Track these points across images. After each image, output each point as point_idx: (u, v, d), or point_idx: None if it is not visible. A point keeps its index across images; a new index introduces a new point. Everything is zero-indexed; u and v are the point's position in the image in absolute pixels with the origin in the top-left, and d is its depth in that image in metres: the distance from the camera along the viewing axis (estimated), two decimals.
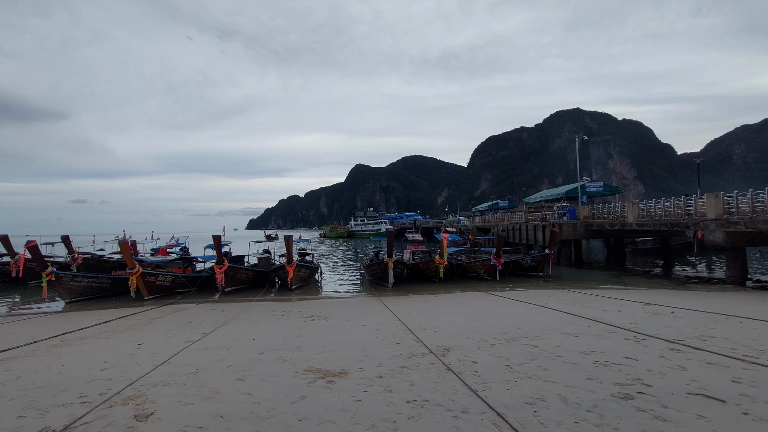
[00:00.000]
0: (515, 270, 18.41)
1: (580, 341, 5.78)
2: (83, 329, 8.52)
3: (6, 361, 5.66)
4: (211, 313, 10.55)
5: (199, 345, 6.35)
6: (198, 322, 9.02)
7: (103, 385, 4.30)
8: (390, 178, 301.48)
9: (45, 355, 6.05)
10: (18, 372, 5.00)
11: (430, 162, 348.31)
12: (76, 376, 4.70)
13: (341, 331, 7.21)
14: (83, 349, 6.37)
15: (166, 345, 6.44)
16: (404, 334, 6.69)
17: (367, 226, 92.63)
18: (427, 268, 17.51)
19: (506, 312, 8.94)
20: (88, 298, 14.49)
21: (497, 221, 38.96)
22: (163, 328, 8.37)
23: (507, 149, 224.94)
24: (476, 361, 4.83)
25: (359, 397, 3.73)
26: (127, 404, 3.68)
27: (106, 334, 7.87)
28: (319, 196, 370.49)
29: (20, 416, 3.46)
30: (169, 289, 15.04)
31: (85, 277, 14.83)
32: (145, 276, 14.04)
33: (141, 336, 7.46)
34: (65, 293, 14.02)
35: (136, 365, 5.17)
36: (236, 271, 15.32)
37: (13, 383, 4.50)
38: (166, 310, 11.64)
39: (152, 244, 27.09)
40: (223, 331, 7.59)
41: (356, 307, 11.12)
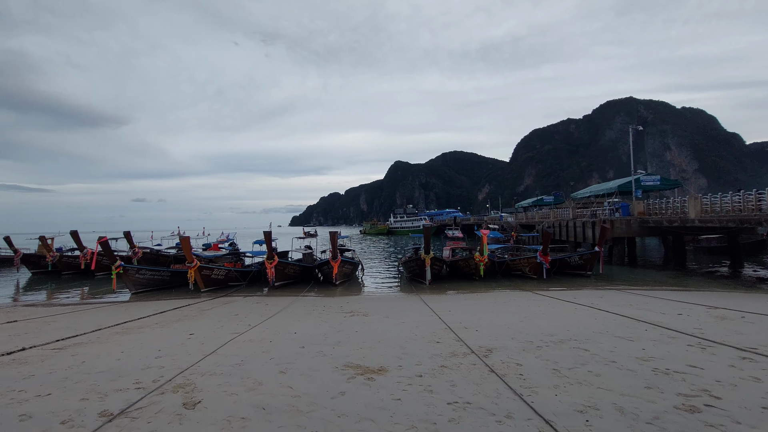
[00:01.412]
0: (561, 269, 17.59)
1: (636, 346, 5.37)
2: (142, 318, 9.13)
3: (74, 347, 6.16)
4: (256, 306, 10.94)
5: (245, 337, 6.58)
6: (244, 314, 9.37)
7: (156, 373, 4.54)
8: (429, 175, 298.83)
9: (107, 341, 6.52)
10: (83, 357, 5.42)
11: (471, 158, 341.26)
12: (133, 363, 5.01)
13: (380, 328, 7.19)
14: (141, 338, 6.80)
15: (215, 336, 6.73)
16: (444, 333, 6.55)
17: (406, 222, 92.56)
18: (466, 266, 17.15)
19: (553, 313, 8.52)
20: (151, 290, 15.54)
21: (542, 218, 37.42)
22: (213, 319, 8.77)
23: (552, 143, 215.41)
24: (521, 364, 4.61)
25: (398, 395, 3.66)
26: (177, 392, 3.86)
27: (162, 323, 8.37)
28: (359, 193, 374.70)
29: (83, 399, 3.73)
30: (222, 283, 15.81)
31: (148, 270, 15.92)
32: (202, 270, 14.84)
33: (192, 326, 7.86)
34: (131, 285, 15.14)
35: (186, 354, 5.43)
36: (285, 266, 15.80)
37: (78, 367, 4.88)
38: (216, 302, 12.21)
39: (204, 240, 28.67)
40: (267, 325, 7.82)
41: (395, 304, 11.09)
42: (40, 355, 5.61)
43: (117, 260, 15.10)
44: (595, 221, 23.06)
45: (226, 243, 26.82)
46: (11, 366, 5.03)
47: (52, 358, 5.44)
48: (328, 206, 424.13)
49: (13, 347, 6.14)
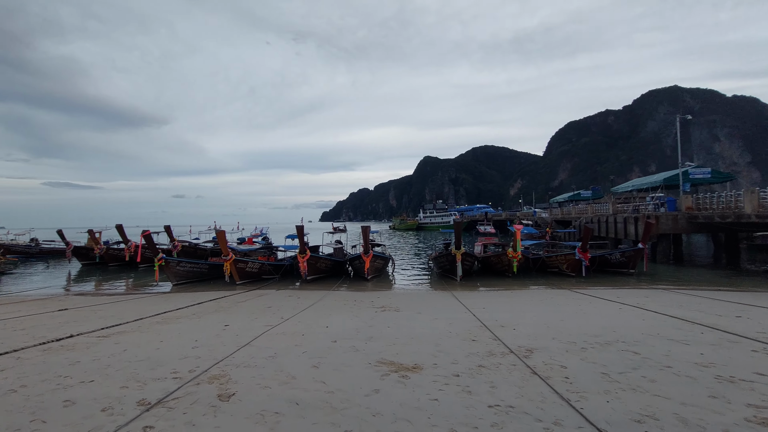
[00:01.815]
0: (601, 266, 16.75)
1: (692, 350, 4.93)
2: (180, 309, 9.41)
3: (117, 335, 6.39)
4: (289, 299, 11.05)
5: (278, 330, 6.60)
6: (277, 307, 9.47)
7: (192, 363, 4.60)
8: (459, 170, 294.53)
9: (148, 331, 6.73)
10: (125, 345, 5.59)
11: (502, 152, 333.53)
12: (171, 353, 5.11)
13: (413, 324, 7.03)
14: (179, 328, 6.98)
15: (249, 328, 6.80)
16: (479, 331, 6.31)
17: (436, 218, 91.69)
18: (499, 262, 16.66)
19: (595, 312, 8.06)
20: (190, 282, 16.11)
21: (579, 213, 35.94)
22: (247, 311, 8.91)
23: (589, 135, 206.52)
24: (566, 366, 4.32)
25: (435, 395, 3.50)
26: (212, 383, 3.87)
27: (199, 314, 8.59)
28: (388, 188, 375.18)
29: (123, 386, 3.80)
30: (256, 276, 16.15)
31: (188, 263, 16.51)
32: (237, 263, 15.21)
33: (227, 318, 8.01)
34: (172, 277, 15.74)
35: (221, 345, 5.50)
36: (317, 260, 15.91)
37: (120, 355, 5.02)
38: (250, 295, 12.46)
39: (238, 234, 29.50)
40: (299, 318, 7.85)
41: (427, 300, 10.90)
42: (86, 343, 5.85)
43: (159, 253, 15.75)
44: (638, 216, 21.83)
45: (259, 237, 27.47)
46: (60, 352, 5.26)
47: (96, 345, 5.65)
48: (358, 202, 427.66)
49: (62, 334, 6.45)
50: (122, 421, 3.01)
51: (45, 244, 33.04)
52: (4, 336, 6.48)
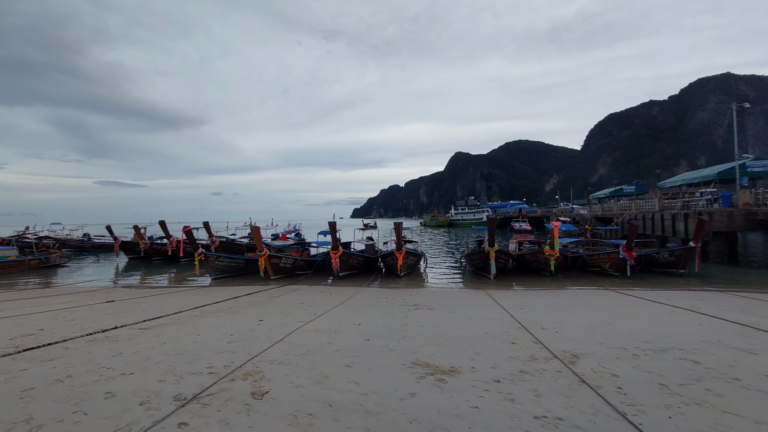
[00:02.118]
0: (647, 266, 15.77)
1: (762, 361, 4.44)
2: (217, 303, 9.64)
3: (158, 327, 6.58)
4: (321, 295, 11.09)
5: (311, 326, 6.58)
6: (310, 303, 9.51)
7: (227, 358, 4.62)
8: (491, 166, 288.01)
9: (186, 324, 6.90)
10: (165, 338, 5.73)
11: (537, 146, 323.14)
12: (207, 347, 5.17)
13: (447, 324, 6.81)
14: (215, 322, 7.11)
15: (282, 324, 6.82)
16: (519, 333, 6.01)
17: (468, 214, 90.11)
18: (534, 260, 16.03)
19: (644, 316, 7.52)
20: (228, 276, 16.60)
21: (621, 209, 34.13)
22: (280, 306, 9.00)
23: (631, 127, 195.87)
24: (617, 375, 3.99)
25: (475, 402, 3.29)
26: (246, 379, 3.84)
27: (234, 309, 8.75)
28: (419, 185, 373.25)
29: (161, 380, 3.84)
30: (289, 271, 16.41)
31: (226, 258, 17.00)
32: (271, 258, 15.50)
33: (262, 312, 8.10)
34: (211, 271, 16.27)
35: (256, 341, 5.52)
36: (349, 256, 15.93)
37: (160, 348, 5.14)
38: (284, 290, 12.63)
39: (272, 230, 30.17)
40: (332, 315, 7.81)
41: (461, 299, 10.61)
42: (129, 334, 6.05)
43: (199, 248, 16.32)
44: (688, 213, 20.39)
45: (292, 233, 27.97)
46: (104, 343, 5.45)
47: (138, 337, 5.83)
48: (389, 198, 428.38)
49: (108, 325, 6.72)
50: (158, 416, 3.02)
51: (96, 239, 35.20)
52: (56, 326, 6.84)
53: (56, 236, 35.05)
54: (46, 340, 5.65)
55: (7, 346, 5.26)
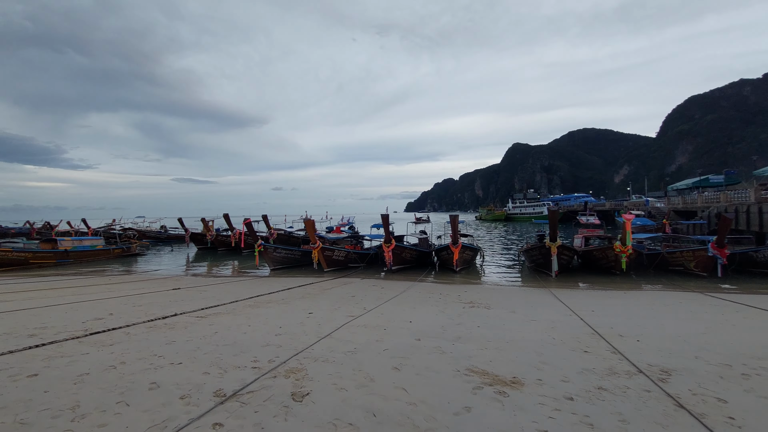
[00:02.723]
0: (742, 265, 13.70)
1: None
2: (271, 293, 9.79)
3: (213, 317, 6.71)
4: (372, 289, 10.89)
5: (359, 321, 6.33)
6: (360, 297, 9.32)
7: (273, 352, 4.48)
8: (553, 156, 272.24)
9: (239, 314, 6.98)
10: (217, 327, 5.78)
11: (605, 135, 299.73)
12: (255, 339, 5.10)
13: (507, 325, 6.21)
14: (267, 313, 7.13)
15: (331, 318, 6.65)
16: (592, 339, 5.28)
17: (527, 208, 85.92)
18: (603, 257, 14.57)
19: (747, 324, 6.34)
20: (285, 267, 17.10)
21: (707, 202, 30.31)
22: (331, 300, 8.90)
23: (717, 111, 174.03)
24: (725, 399, 3.23)
25: (545, 424, 2.77)
26: (288, 377, 3.63)
27: (286, 300, 8.80)
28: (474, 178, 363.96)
29: (206, 372, 3.76)
30: (342, 264, 16.50)
31: (283, 249, 17.51)
32: (324, 251, 15.66)
33: (312, 305, 8.03)
34: (270, 262, 16.86)
35: (303, 335, 5.36)
36: (402, 250, 15.60)
37: (211, 338, 5.15)
38: (336, 282, 12.63)
39: (326, 223, 30.79)
40: (382, 310, 7.53)
41: (521, 297, 9.83)
42: (185, 322, 6.21)
43: (258, 239, 16.94)
44: None
45: (346, 226, 28.30)
46: (161, 330, 5.61)
47: (193, 325, 5.95)
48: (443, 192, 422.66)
49: (168, 312, 6.99)
50: (195, 413, 2.88)
51: (171, 230, 38.34)
52: (124, 311, 7.25)
53: (138, 228, 38.71)
54: (112, 324, 5.95)
55: (77, 330, 5.59)
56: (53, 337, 5.13)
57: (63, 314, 6.93)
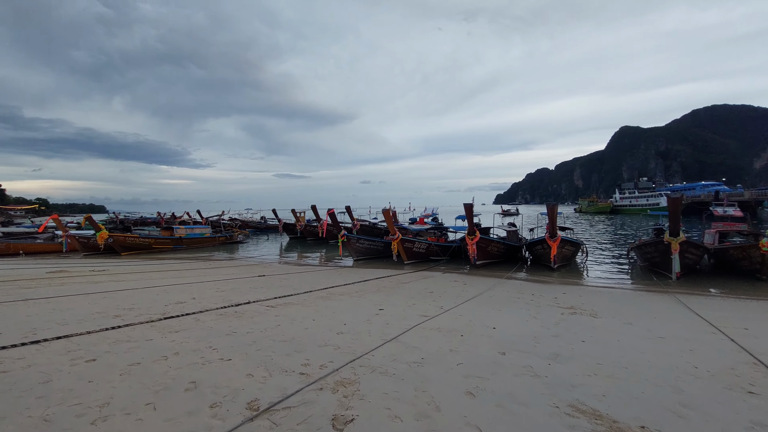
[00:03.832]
0: None
1: None
2: (347, 285, 9.48)
3: (282, 307, 6.49)
4: (453, 285, 9.97)
5: (433, 323, 5.53)
6: (439, 293, 8.49)
7: (328, 355, 3.93)
8: (671, 140, 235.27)
9: (309, 306, 6.67)
10: (281, 320, 5.47)
11: (740, 112, 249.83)
12: (314, 336, 4.63)
13: (623, 342, 4.86)
14: (336, 306, 6.72)
15: (402, 316, 5.96)
16: (756, 373, 3.76)
17: (638, 199, 75.22)
18: (744, 257, 11.53)
19: None
20: (368, 258, 17.03)
21: None
22: (406, 295, 8.23)
23: None
24: None
25: None
26: (336, 391, 3.02)
27: (360, 293, 8.36)
28: (573, 167, 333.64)
29: (249, 374, 3.33)
30: (423, 256, 15.81)
31: (365, 240, 17.44)
32: (404, 242, 15.12)
33: (385, 300, 7.45)
34: (353, 252, 16.94)
35: (367, 335, 4.75)
36: (487, 243, 14.27)
37: (271, 331, 4.82)
38: (415, 276, 11.96)
39: (409, 215, 30.29)
40: (461, 310, 6.61)
41: (638, 304, 8.04)
42: (254, 311, 6.06)
43: (342, 230, 17.08)
44: None
45: (429, 218, 27.47)
46: (228, 319, 5.48)
47: (260, 315, 5.74)
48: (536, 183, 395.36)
49: (243, 300, 6.98)
50: (220, 429, 2.40)
51: (269, 221, 41.54)
52: (206, 296, 7.47)
53: (242, 218, 42.71)
54: (187, 309, 6.04)
55: (156, 313, 5.74)
56: (132, 320, 5.28)
57: (154, 296, 7.35)
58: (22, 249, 20.47)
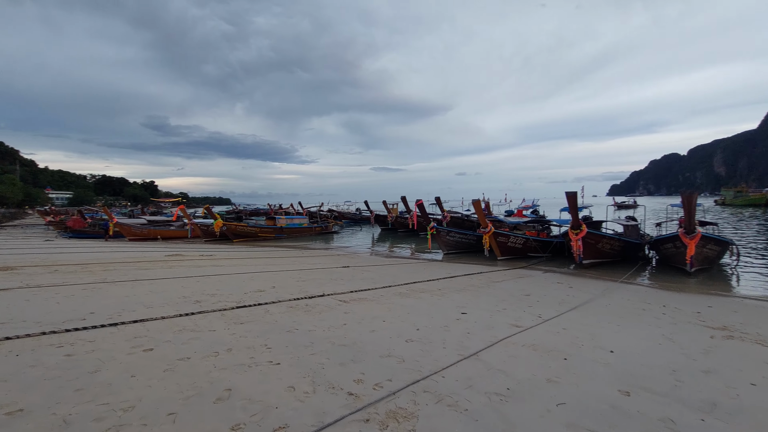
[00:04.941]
0: None
1: None
2: (430, 281, 8.73)
3: (355, 302, 6.03)
4: (556, 288, 8.53)
5: (527, 337, 4.48)
6: (537, 297, 7.23)
7: (388, 371, 3.25)
8: None
9: (383, 303, 6.10)
10: (349, 318, 4.98)
11: None
12: (380, 342, 4.00)
13: None
14: (413, 305, 6.03)
15: (488, 324, 5.01)
16: None
17: None
18: None
19: None
20: (459, 252, 16.08)
21: None
22: (496, 296, 7.16)
23: None
24: None
25: None
26: (385, 428, 2.33)
27: (443, 291, 7.55)
28: (712, 152, 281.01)
29: (290, 387, 2.82)
30: (520, 252, 14.28)
31: (456, 233, 16.47)
32: (497, 236, 13.80)
33: (470, 301, 6.53)
34: (443, 245, 16.15)
35: (441, 347, 3.97)
36: (597, 238, 12.07)
37: (333, 331, 4.34)
38: (510, 274, 10.67)
39: (505, 206, 28.07)
40: (565, 321, 5.38)
41: None
42: (325, 305, 5.69)
43: (431, 222, 16.34)
44: None
45: (528, 210, 25.07)
46: (297, 313, 5.17)
47: (329, 311, 5.34)
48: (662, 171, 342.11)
49: (317, 292, 6.71)
50: None
51: (364, 212, 42.75)
52: (286, 285, 7.41)
53: (338, 210, 44.71)
54: (262, 299, 5.93)
55: (232, 301, 5.72)
56: (209, 307, 5.30)
57: (240, 283, 7.54)
58: (160, 234, 24.03)
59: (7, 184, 55.97)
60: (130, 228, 23.60)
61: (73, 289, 6.23)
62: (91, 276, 7.77)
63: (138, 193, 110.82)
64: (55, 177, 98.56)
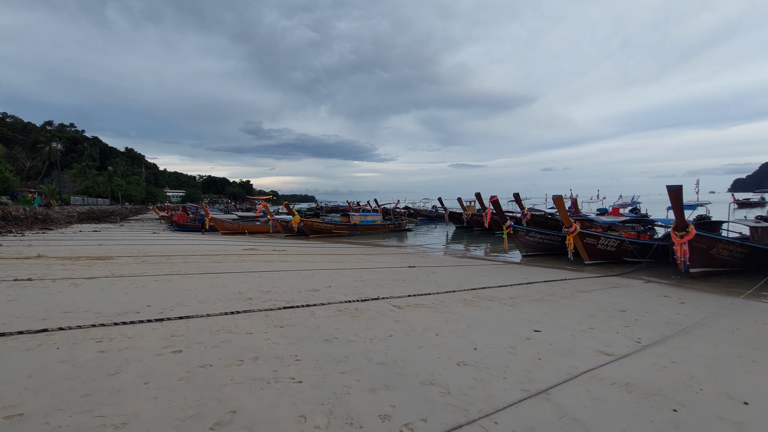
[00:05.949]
0: None
1: None
2: (502, 287, 7.79)
3: (411, 308, 5.46)
4: (660, 303, 7.01)
5: (620, 370, 3.49)
6: (635, 314, 5.93)
7: (427, 404, 2.62)
8: None
9: (442, 311, 5.43)
10: (397, 328, 4.42)
11: None
12: (425, 362, 3.38)
13: None
14: (476, 315, 5.26)
15: (567, 349, 4.07)
16: None
17: None
18: None
19: None
20: (540, 254, 14.61)
21: None
22: (581, 310, 6.02)
23: None
24: None
25: None
26: None
27: (516, 299, 6.60)
28: None
29: (301, 416, 2.36)
30: (613, 256, 12.41)
31: (538, 233, 14.98)
32: (584, 237, 12.14)
33: (548, 315, 5.54)
34: (521, 246, 14.79)
35: (501, 376, 3.21)
36: (711, 243, 9.84)
37: (375, 343, 3.82)
38: (601, 282, 9.18)
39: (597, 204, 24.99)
40: (674, 350, 4.19)
41: None
42: (376, 311, 5.20)
43: (507, 220, 15.03)
44: None
45: (627, 207, 21.93)
46: (343, 317, 4.76)
47: (378, 318, 4.84)
48: None
49: (372, 294, 6.27)
50: None
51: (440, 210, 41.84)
52: (343, 285, 7.10)
53: (414, 207, 44.32)
54: (313, 300, 5.66)
55: (283, 300, 5.53)
56: (258, 305, 5.14)
57: (299, 280, 7.43)
58: (247, 229, 25.88)
59: (134, 184, 65.83)
60: (223, 223, 25.78)
61: (145, 280, 6.61)
62: (170, 267, 8.30)
63: (236, 191, 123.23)
64: (171, 178, 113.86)
